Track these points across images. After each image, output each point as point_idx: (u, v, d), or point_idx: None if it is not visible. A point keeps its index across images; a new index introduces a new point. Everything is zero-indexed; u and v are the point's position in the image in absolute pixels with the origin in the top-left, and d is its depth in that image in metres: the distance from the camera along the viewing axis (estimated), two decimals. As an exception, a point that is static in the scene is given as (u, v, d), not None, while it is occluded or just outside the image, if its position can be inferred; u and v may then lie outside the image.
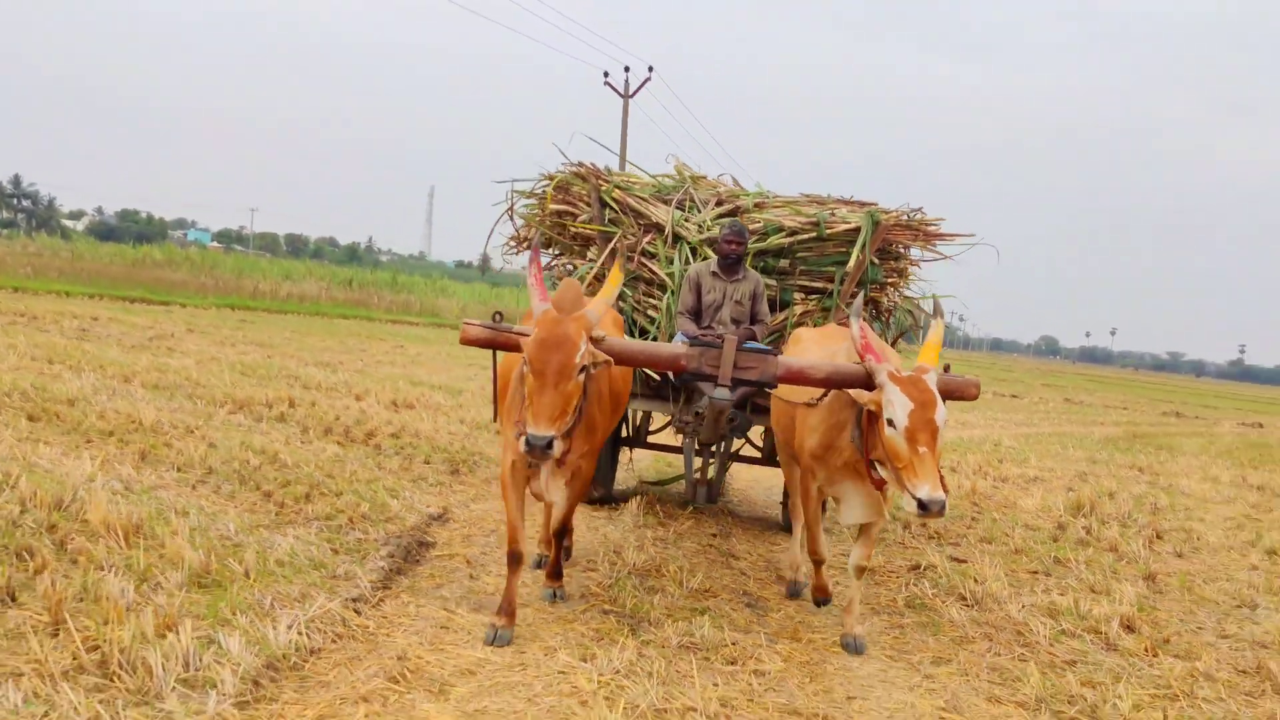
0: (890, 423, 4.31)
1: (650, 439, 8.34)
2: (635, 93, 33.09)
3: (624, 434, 7.89)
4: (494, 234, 8.20)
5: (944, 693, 4.50)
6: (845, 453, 4.83)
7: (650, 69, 33.43)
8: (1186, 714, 4.43)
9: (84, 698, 3.27)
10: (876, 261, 7.22)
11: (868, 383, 4.55)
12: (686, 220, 7.36)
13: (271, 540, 5.30)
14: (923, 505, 4.14)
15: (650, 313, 7.23)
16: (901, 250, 7.45)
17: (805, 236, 7.17)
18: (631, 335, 7.05)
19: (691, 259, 7.17)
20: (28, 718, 3.10)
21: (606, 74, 33.06)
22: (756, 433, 8.27)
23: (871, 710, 4.22)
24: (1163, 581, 6.94)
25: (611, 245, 7.13)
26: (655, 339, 7.05)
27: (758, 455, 8.14)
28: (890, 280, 7.53)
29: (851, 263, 7.06)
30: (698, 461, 7.23)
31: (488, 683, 3.99)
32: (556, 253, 8.22)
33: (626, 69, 33.32)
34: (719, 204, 7.55)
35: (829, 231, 7.10)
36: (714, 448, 7.06)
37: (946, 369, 4.68)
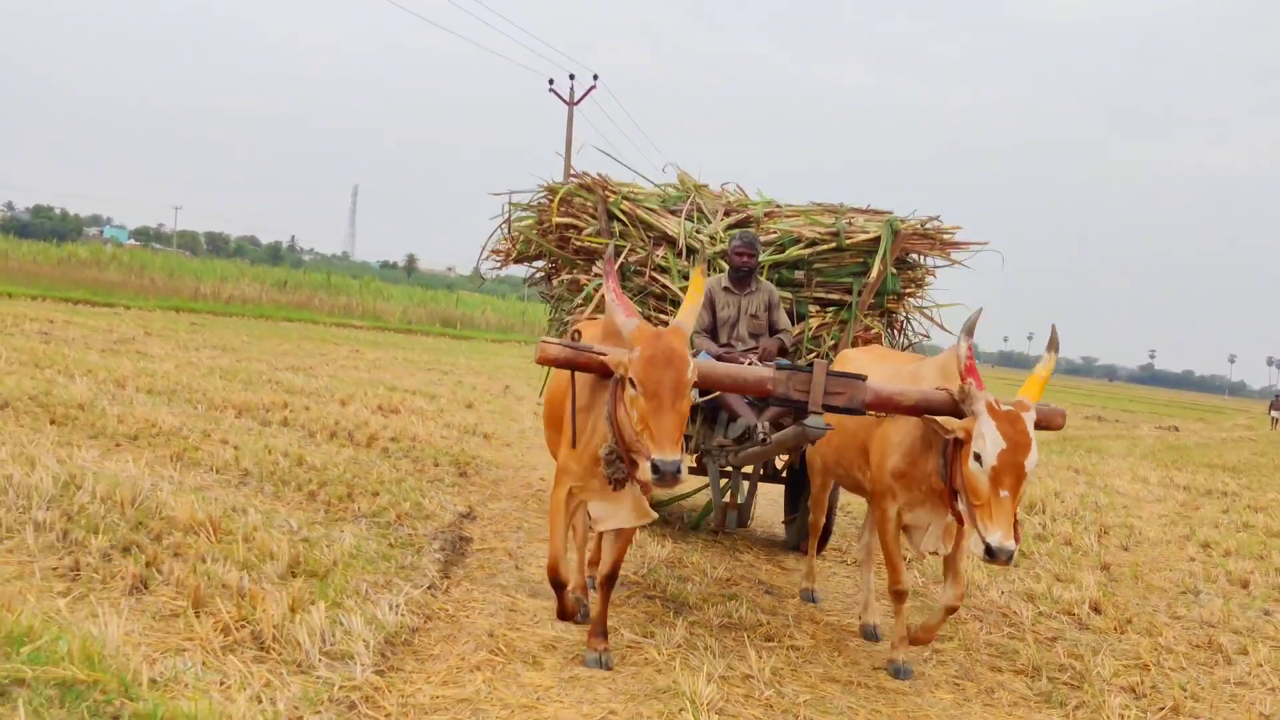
0: (977, 458, 4.13)
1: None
2: (580, 100, 33.71)
3: None
4: (483, 243, 8.27)
5: (952, 664, 5.19)
6: (930, 477, 4.64)
7: (595, 77, 34.10)
8: (1156, 679, 5.17)
9: (250, 666, 3.77)
10: (895, 271, 7.05)
11: (956, 410, 4.38)
12: (698, 232, 7.13)
13: (333, 536, 5.77)
14: (990, 552, 4.01)
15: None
16: (918, 259, 7.34)
17: (824, 248, 6.98)
18: None
19: (709, 272, 6.84)
20: (206, 685, 3.57)
21: (551, 81, 33.70)
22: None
23: (895, 680, 4.86)
24: (1116, 571, 7.74)
25: (609, 254, 6.30)
26: None
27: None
28: (907, 290, 7.36)
29: (873, 274, 6.86)
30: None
31: (570, 654, 4.56)
32: (540, 268, 8.22)
33: (571, 76, 34.01)
34: (727, 214, 7.38)
35: (848, 242, 6.94)
36: (743, 470, 6.58)
37: None
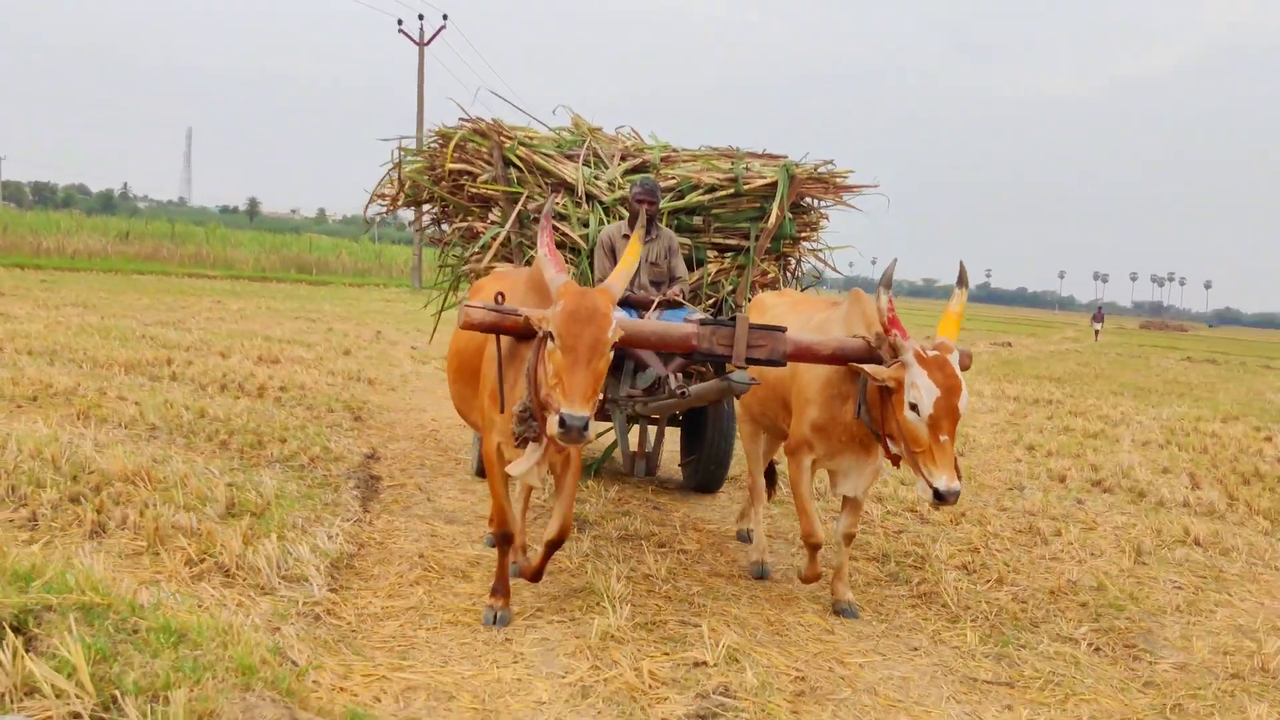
0: (913, 407, 4.25)
1: None
2: (430, 40, 33.43)
3: None
4: (370, 188, 8.14)
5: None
6: (850, 425, 4.77)
7: (445, 17, 33.85)
8: (985, 558, 6.14)
9: (221, 591, 4.31)
10: (791, 216, 7.15)
11: (872, 357, 4.53)
12: (597, 178, 7.07)
13: (257, 480, 6.24)
14: (939, 495, 4.19)
15: None
16: (812, 203, 7.46)
17: (723, 193, 7.03)
18: None
19: (606, 219, 6.88)
20: (189, 608, 4.10)
21: (400, 21, 33.34)
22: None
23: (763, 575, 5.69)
24: (953, 473, 8.80)
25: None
26: None
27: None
28: (802, 234, 7.47)
29: (772, 219, 6.98)
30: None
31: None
32: (430, 213, 8.17)
33: (421, 17, 33.76)
34: (624, 159, 7.33)
35: (746, 188, 7.02)
36: (650, 419, 6.68)
37: None
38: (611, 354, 3.99)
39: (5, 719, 2.85)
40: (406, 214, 8.98)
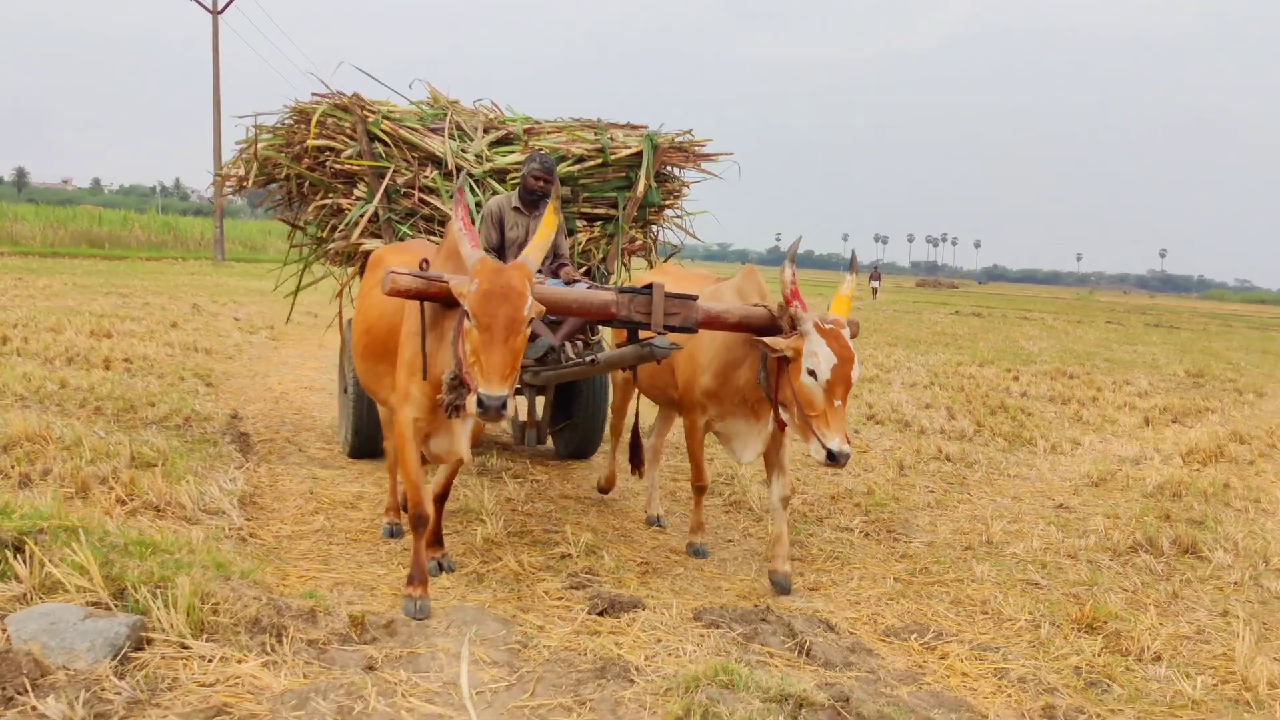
0: (811, 373, 4.52)
1: None
2: (225, 7, 32.70)
3: None
4: (220, 166, 8.56)
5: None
6: (744, 391, 5.10)
7: (238, -16, 33.05)
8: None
9: (157, 522, 5.08)
10: (655, 184, 7.33)
11: (773, 326, 4.82)
12: (464, 151, 7.10)
13: (143, 438, 6.89)
14: (832, 456, 4.44)
15: None
16: (674, 172, 7.62)
17: (591, 164, 7.17)
18: None
19: (477, 191, 6.94)
20: (128, 538, 4.86)
21: (192, -13, 32.35)
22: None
23: (603, 495, 6.81)
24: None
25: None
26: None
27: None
28: (667, 203, 7.66)
29: (640, 188, 7.18)
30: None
31: (378, 501, 6.13)
32: (276, 191, 8.10)
33: (214, -18, 32.76)
34: (486, 130, 7.36)
35: (613, 158, 7.17)
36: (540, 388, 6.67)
37: None
38: (529, 330, 4.04)
39: (52, 606, 3.65)
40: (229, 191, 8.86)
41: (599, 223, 7.38)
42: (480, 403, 3.80)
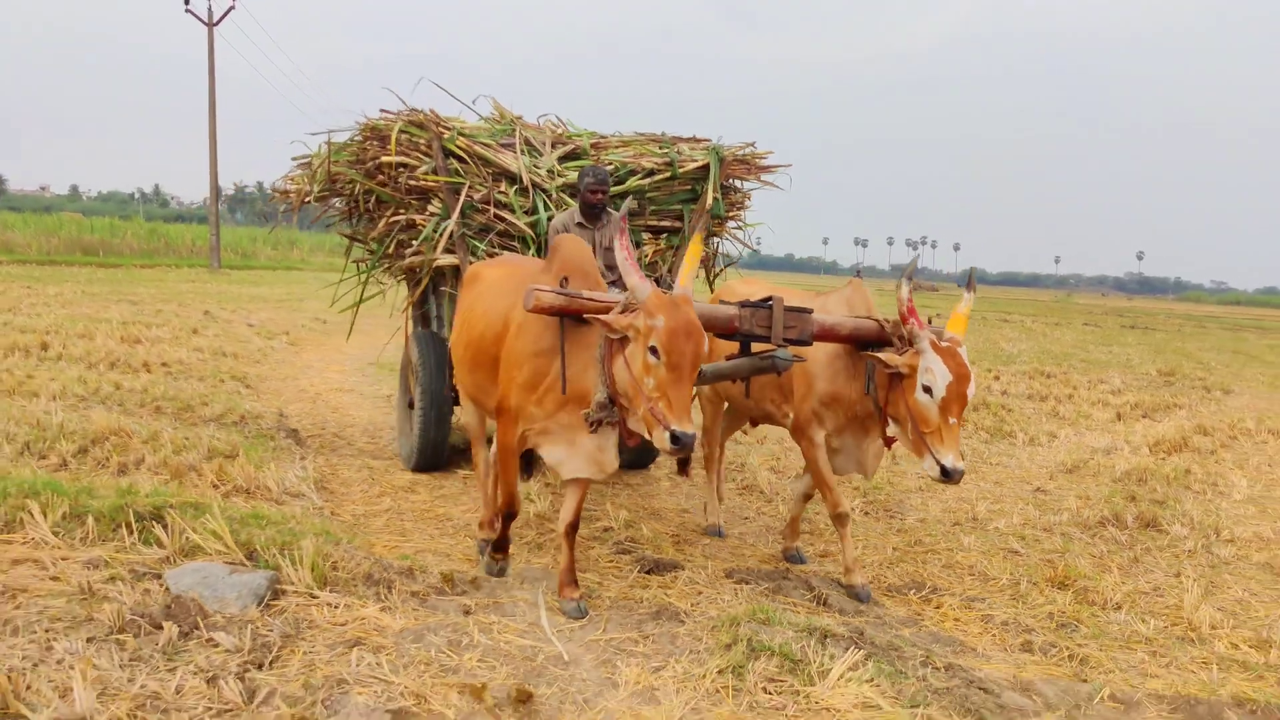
0: (927, 389, 4.55)
1: None
2: (220, 20, 33.30)
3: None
4: (274, 184, 8.53)
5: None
6: (856, 404, 5.12)
7: (234, -4, 33.66)
8: (784, 464, 8.21)
9: (249, 502, 5.79)
10: (719, 196, 7.39)
11: (884, 338, 4.90)
12: (536, 166, 7.17)
13: (208, 434, 7.59)
14: (946, 473, 4.48)
15: None
16: (736, 184, 7.66)
17: (660, 177, 7.25)
18: None
19: (549, 207, 7.01)
20: (242, 513, 5.57)
21: (188, 1, 32.95)
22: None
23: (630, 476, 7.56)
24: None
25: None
26: None
27: None
28: (731, 215, 7.68)
29: (708, 201, 7.25)
30: None
31: (429, 484, 6.87)
32: (340, 206, 8.18)
33: (210, -5, 33.34)
34: (554, 146, 7.44)
35: (681, 171, 7.27)
36: None
37: None
38: None
39: (202, 564, 4.38)
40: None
41: (665, 235, 7.49)
42: (676, 439, 3.81)
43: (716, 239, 7.83)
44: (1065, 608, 5.16)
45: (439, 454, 7.21)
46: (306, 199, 8.26)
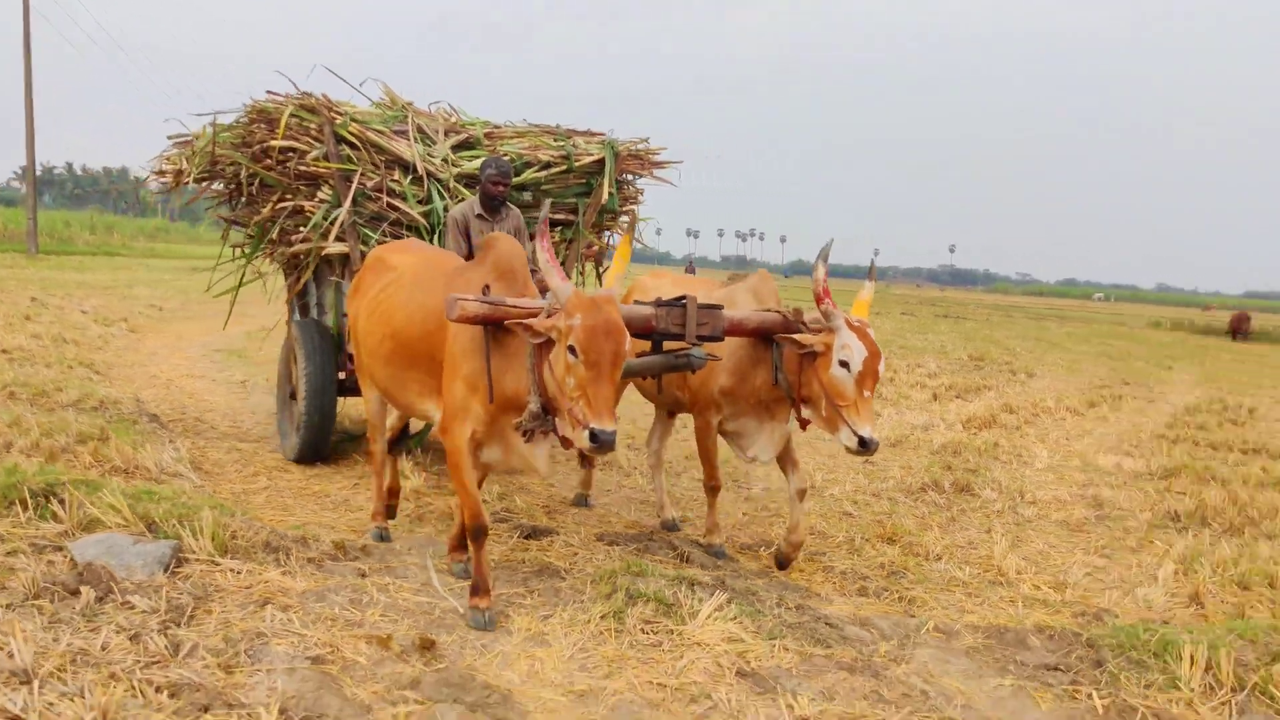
0: (844, 364, 4.76)
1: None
2: (34, -8, 31.60)
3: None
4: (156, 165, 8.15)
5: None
6: (760, 391, 5.31)
7: (48, -33, 32.00)
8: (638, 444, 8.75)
9: (128, 482, 5.93)
10: (614, 191, 7.44)
11: (788, 328, 5.06)
12: (430, 155, 7.05)
13: (71, 418, 7.59)
14: (864, 443, 4.68)
15: None
16: (630, 178, 7.74)
17: (557, 170, 7.25)
18: None
19: (443, 196, 6.94)
20: (132, 489, 5.72)
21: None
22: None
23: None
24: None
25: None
26: None
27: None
28: (624, 209, 7.75)
29: (604, 195, 7.32)
30: None
31: (310, 471, 7.10)
32: (217, 190, 8.00)
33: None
34: (447, 134, 7.35)
35: (578, 164, 7.28)
36: None
37: None
38: None
39: (106, 535, 4.59)
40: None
41: (558, 228, 7.52)
42: (595, 437, 3.83)
43: (606, 233, 7.85)
44: (894, 559, 5.86)
45: (323, 445, 7.12)
46: (185, 181, 8.03)
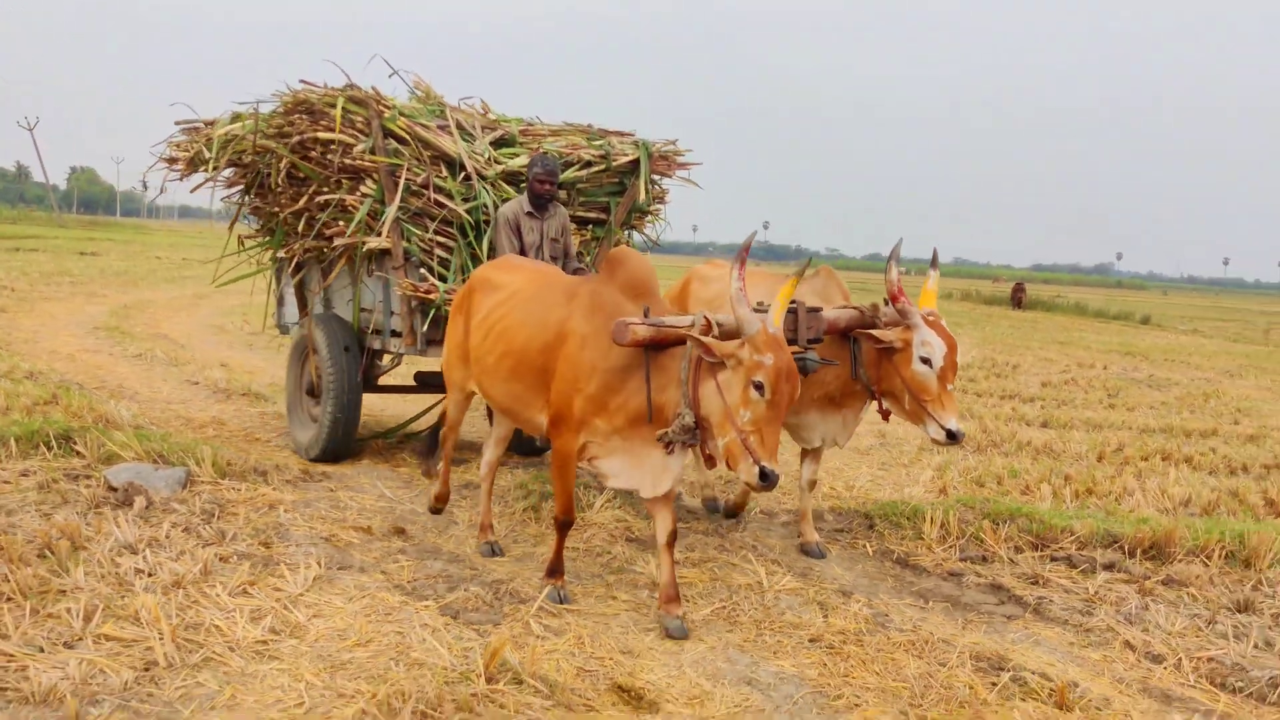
0: (926, 361, 4.82)
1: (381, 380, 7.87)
2: None
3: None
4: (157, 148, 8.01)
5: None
6: (835, 384, 5.35)
7: None
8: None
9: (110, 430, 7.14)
10: (649, 191, 7.50)
11: (867, 325, 5.13)
12: (475, 152, 6.94)
13: (14, 386, 8.59)
14: (952, 435, 4.76)
15: (439, 253, 6.73)
16: (658, 179, 7.73)
17: (596, 169, 7.29)
18: (415, 277, 6.69)
19: (488, 193, 6.81)
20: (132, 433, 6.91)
21: None
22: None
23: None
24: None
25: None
26: (448, 281, 6.64)
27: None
28: (652, 210, 7.82)
29: (641, 194, 7.39)
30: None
31: (242, 415, 8.38)
32: (244, 188, 7.79)
33: None
34: (484, 131, 7.27)
35: (614, 164, 7.33)
36: None
37: None
38: None
39: (133, 464, 5.89)
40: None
41: (590, 226, 7.56)
42: (765, 475, 3.86)
43: (631, 230, 7.86)
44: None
45: (348, 443, 7.15)
46: (201, 168, 7.84)
